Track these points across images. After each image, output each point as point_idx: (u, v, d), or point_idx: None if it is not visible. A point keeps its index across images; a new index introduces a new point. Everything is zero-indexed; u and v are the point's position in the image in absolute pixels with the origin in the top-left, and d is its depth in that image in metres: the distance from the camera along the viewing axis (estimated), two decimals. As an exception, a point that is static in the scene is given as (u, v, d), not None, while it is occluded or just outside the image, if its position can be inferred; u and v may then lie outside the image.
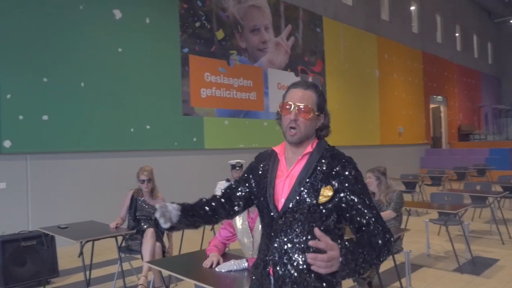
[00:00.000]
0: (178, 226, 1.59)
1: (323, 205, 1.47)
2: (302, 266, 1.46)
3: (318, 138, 1.60)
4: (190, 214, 1.62)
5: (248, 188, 1.71)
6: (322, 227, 1.45)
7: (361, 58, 12.69)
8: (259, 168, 1.68)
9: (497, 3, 21.53)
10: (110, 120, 6.87)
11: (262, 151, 1.74)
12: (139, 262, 4.14)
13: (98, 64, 6.77)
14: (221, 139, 8.56)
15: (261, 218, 1.62)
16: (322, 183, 1.49)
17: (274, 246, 1.51)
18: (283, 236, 1.50)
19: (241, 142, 8.86)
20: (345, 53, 12.06)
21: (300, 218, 1.48)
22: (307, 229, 1.47)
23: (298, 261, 1.47)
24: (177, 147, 7.81)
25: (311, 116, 1.54)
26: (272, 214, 1.53)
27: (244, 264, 2.51)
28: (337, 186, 1.48)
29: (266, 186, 1.58)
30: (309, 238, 1.46)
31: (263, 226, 1.60)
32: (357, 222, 1.47)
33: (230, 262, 2.55)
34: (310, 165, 1.53)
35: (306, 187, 1.49)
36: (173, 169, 7.63)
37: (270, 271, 1.52)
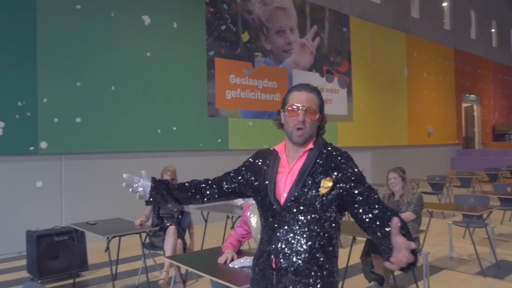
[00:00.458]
0: (154, 200, 1.86)
1: (324, 196, 1.58)
2: (304, 255, 1.56)
3: (316, 136, 1.72)
4: (164, 193, 1.84)
5: (237, 183, 1.82)
6: (323, 217, 1.57)
7: (388, 57, 12.51)
8: (258, 164, 1.78)
9: (536, -3, 20.59)
10: (138, 121, 7.16)
11: (262, 149, 1.85)
12: (162, 258, 4.33)
13: (127, 68, 7.07)
14: (245, 140, 8.71)
15: (262, 212, 1.71)
16: (322, 176, 1.60)
17: (277, 235, 1.60)
18: (286, 226, 1.59)
19: (264, 142, 8.96)
20: (372, 52, 11.93)
21: (302, 209, 1.58)
22: (310, 220, 1.57)
23: (300, 250, 1.56)
24: (202, 148, 8.02)
25: (317, 117, 1.67)
26: (274, 207, 1.62)
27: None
28: (336, 177, 1.59)
29: (267, 181, 1.68)
30: (311, 228, 1.56)
31: (265, 219, 1.68)
32: (367, 205, 1.52)
33: (243, 258, 2.68)
34: (311, 160, 1.64)
35: (308, 180, 1.60)
36: (198, 169, 7.82)
37: (273, 261, 1.61)
